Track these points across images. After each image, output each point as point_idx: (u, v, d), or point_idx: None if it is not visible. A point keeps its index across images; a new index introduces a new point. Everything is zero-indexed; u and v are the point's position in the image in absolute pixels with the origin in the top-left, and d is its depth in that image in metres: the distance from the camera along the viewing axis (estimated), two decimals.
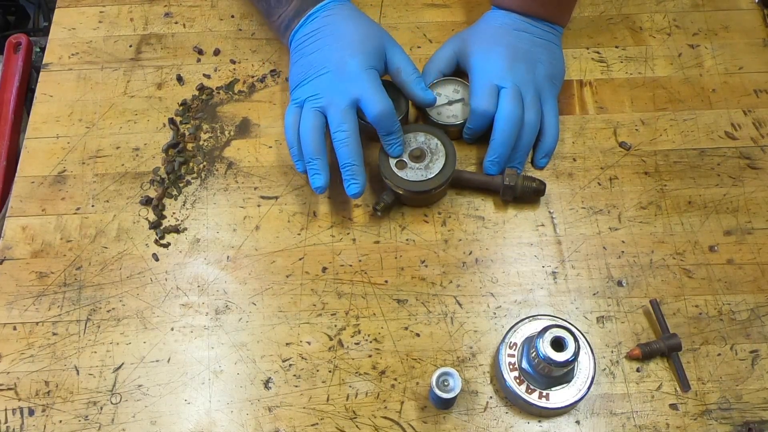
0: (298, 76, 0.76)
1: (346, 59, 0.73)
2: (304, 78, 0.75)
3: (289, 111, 0.75)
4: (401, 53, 0.76)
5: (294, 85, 0.77)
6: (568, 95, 0.84)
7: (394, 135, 0.74)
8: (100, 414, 0.69)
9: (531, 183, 0.75)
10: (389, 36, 0.77)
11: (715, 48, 0.87)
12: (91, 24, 0.90)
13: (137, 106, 0.85)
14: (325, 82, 0.73)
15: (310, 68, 0.75)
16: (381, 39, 0.76)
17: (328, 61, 0.74)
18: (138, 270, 0.75)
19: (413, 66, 0.76)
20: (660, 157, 0.80)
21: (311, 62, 0.75)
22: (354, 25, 0.75)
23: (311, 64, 0.75)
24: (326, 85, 0.73)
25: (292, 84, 0.77)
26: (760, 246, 0.75)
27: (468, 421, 0.68)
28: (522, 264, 0.75)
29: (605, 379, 0.69)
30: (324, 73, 0.73)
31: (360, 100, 0.72)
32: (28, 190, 0.80)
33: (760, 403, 0.68)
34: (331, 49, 0.74)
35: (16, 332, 0.72)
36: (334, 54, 0.74)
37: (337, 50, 0.74)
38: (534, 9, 0.79)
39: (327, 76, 0.73)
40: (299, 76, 0.76)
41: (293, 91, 0.77)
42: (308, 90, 0.74)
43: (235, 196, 0.79)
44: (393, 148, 0.75)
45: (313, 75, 0.74)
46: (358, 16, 0.77)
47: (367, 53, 0.73)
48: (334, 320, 0.72)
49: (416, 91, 0.76)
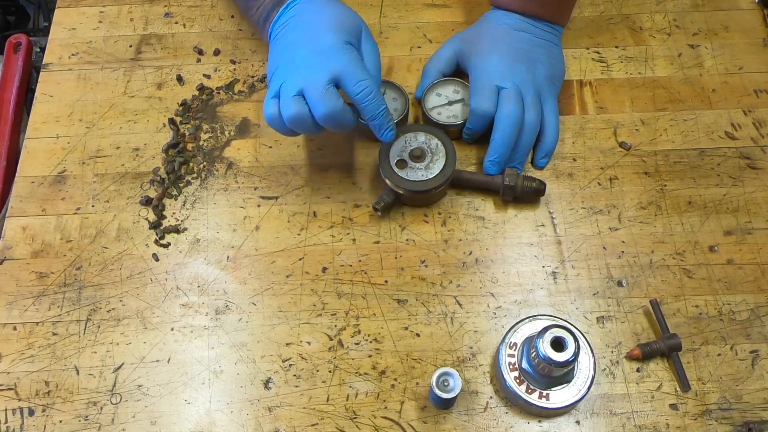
0: (273, 64, 0.71)
1: (320, 35, 0.67)
2: (278, 64, 0.70)
3: (267, 103, 0.68)
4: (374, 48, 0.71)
5: (270, 75, 0.71)
6: (568, 95, 0.84)
7: (381, 117, 0.68)
8: (100, 414, 0.69)
9: (531, 183, 0.75)
10: (367, 27, 0.72)
11: (715, 48, 0.87)
12: (91, 24, 0.90)
13: (137, 106, 0.85)
14: (299, 60, 0.67)
15: (284, 51, 0.70)
16: (359, 24, 0.71)
17: (301, 39, 0.68)
18: (138, 270, 0.75)
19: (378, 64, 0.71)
20: (660, 157, 0.80)
21: (285, 45, 0.70)
22: (331, 9, 0.70)
23: (285, 47, 0.70)
24: (301, 63, 0.67)
25: (269, 74, 0.71)
26: (760, 246, 0.75)
27: (468, 421, 0.68)
28: (522, 264, 0.75)
29: (605, 379, 0.69)
30: (298, 51, 0.68)
31: (340, 77, 0.66)
32: (28, 190, 0.80)
33: (760, 403, 0.68)
34: (305, 29, 0.69)
35: (16, 332, 0.72)
36: (309, 32, 0.68)
37: (312, 29, 0.68)
38: (534, 9, 0.79)
39: (301, 53, 0.68)
40: (274, 64, 0.70)
41: (270, 80, 0.70)
42: (282, 74, 0.68)
43: (235, 196, 0.79)
44: (384, 133, 0.70)
45: (287, 57, 0.69)
46: (337, 4, 0.72)
47: (344, 30, 0.68)
48: (334, 320, 0.72)
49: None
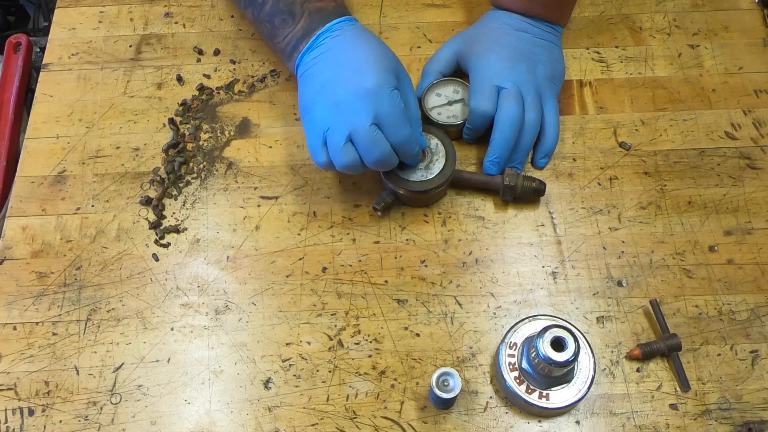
0: (310, 102, 0.70)
1: (362, 75, 0.66)
2: (316, 104, 0.69)
3: (318, 152, 0.69)
4: (410, 86, 0.72)
5: (306, 112, 0.70)
6: (568, 95, 0.84)
7: (415, 159, 0.72)
8: (100, 414, 0.69)
9: (531, 183, 0.75)
10: (402, 65, 0.71)
11: (715, 48, 0.87)
12: (91, 24, 0.90)
13: (137, 106, 0.85)
14: (343, 103, 0.67)
15: (323, 90, 0.68)
16: (396, 60, 0.71)
17: (340, 79, 0.67)
18: (138, 270, 0.75)
19: (417, 105, 0.72)
20: (660, 157, 0.80)
21: (323, 84, 0.69)
22: (369, 45, 0.69)
23: (323, 86, 0.69)
24: (345, 107, 0.67)
25: (303, 110, 0.71)
26: (760, 246, 0.75)
27: (468, 421, 0.68)
28: (522, 264, 0.75)
29: (605, 379, 0.69)
30: (340, 92, 0.67)
31: (382, 121, 0.66)
32: (28, 190, 0.80)
33: (760, 403, 0.68)
34: (345, 67, 0.68)
35: (16, 332, 0.72)
36: (349, 71, 0.67)
37: (353, 68, 0.67)
38: (534, 9, 0.79)
39: (343, 95, 0.67)
40: (311, 102, 0.70)
41: (308, 120, 0.70)
42: (325, 117, 0.68)
43: (235, 196, 0.79)
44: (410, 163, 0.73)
45: (328, 99, 0.68)
46: (370, 37, 0.71)
47: (385, 69, 0.67)
48: (334, 320, 0.72)
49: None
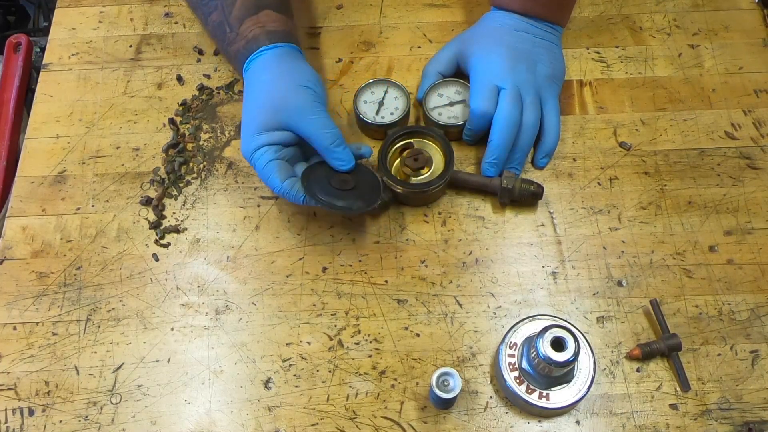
0: None
1: (244, 136, 0.71)
2: None
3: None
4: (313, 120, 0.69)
5: None
6: (568, 95, 0.84)
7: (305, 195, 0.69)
8: (100, 414, 0.69)
9: (529, 186, 0.75)
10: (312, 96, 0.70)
11: (715, 48, 0.87)
12: (91, 24, 0.90)
13: (137, 106, 0.85)
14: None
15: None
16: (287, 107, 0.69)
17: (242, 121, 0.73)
18: (138, 270, 0.75)
19: (324, 133, 0.69)
20: (660, 157, 0.80)
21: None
22: (252, 94, 0.72)
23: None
24: None
25: None
26: (760, 246, 0.75)
27: (468, 421, 0.68)
28: (522, 264, 0.75)
29: (605, 379, 0.69)
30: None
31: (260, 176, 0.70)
32: (28, 190, 0.80)
33: (760, 403, 0.68)
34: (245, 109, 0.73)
35: (16, 332, 0.72)
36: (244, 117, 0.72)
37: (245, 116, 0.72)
38: (534, 9, 0.79)
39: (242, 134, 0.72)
40: None
41: None
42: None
43: (235, 196, 0.79)
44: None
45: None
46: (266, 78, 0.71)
47: (251, 134, 0.70)
48: (334, 320, 0.72)
49: (331, 161, 0.71)
